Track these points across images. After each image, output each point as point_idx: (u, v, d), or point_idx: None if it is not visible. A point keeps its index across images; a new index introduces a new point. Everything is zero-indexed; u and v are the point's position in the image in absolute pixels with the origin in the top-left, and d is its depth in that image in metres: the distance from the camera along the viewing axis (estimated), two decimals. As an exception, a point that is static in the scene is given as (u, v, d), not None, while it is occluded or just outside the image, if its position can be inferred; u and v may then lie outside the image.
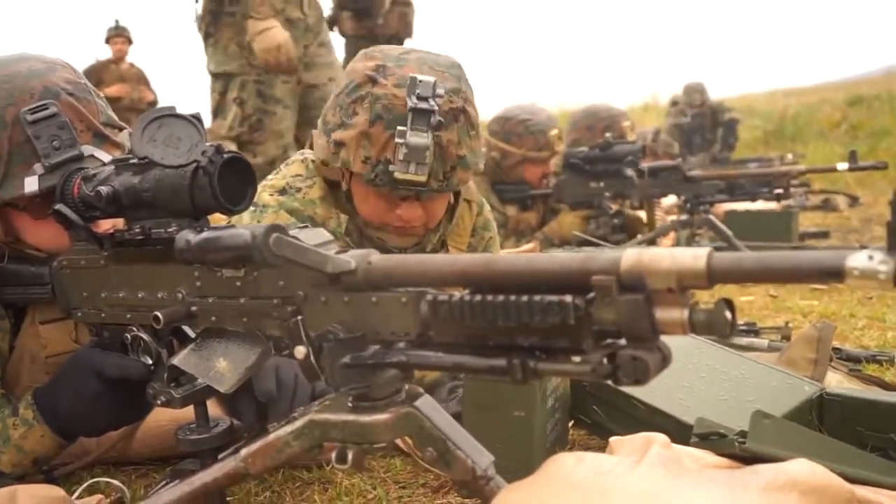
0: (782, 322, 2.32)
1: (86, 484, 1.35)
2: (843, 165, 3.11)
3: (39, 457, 1.27)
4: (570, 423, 1.47)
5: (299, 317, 0.92)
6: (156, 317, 1.05)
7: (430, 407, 0.93)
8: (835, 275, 0.63)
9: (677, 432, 1.21)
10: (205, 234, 0.92)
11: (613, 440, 1.01)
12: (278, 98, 3.51)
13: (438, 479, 1.38)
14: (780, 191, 3.41)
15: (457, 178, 1.60)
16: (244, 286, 0.99)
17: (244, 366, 1.06)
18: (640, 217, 3.65)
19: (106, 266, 1.17)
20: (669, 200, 4.11)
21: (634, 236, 3.50)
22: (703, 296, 2.38)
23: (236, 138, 3.46)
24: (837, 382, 1.60)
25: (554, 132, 3.50)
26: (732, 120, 8.41)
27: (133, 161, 1.10)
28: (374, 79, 1.56)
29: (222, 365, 1.07)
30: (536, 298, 0.73)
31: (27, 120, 1.25)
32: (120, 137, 1.37)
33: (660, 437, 0.95)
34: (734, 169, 4.78)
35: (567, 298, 0.72)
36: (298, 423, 0.94)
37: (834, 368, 1.70)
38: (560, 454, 0.87)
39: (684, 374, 1.41)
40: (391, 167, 1.54)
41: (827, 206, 5.74)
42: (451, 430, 0.91)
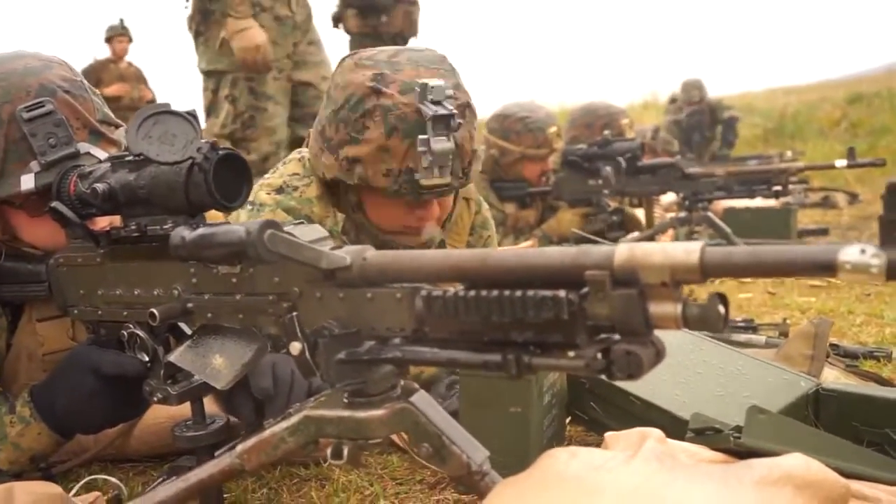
0: (780, 319, 2.31)
1: (83, 481, 1.35)
2: (842, 162, 3.10)
3: (36, 454, 1.27)
4: (567, 420, 1.47)
5: (294, 313, 0.92)
6: (152, 314, 1.05)
7: (426, 403, 0.93)
8: (827, 269, 0.63)
9: (673, 428, 1.21)
10: (200, 231, 0.92)
11: (608, 435, 1.01)
12: (269, 94, 3.53)
13: (435, 476, 1.38)
14: (779, 188, 3.40)
15: (472, 172, 1.63)
16: (240, 283, 0.99)
17: (240, 362, 1.06)
18: (638, 216, 3.65)
19: (102, 263, 1.17)
20: (669, 198, 4.11)
21: (631, 233, 3.50)
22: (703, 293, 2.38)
23: (229, 136, 3.47)
24: (834, 378, 1.60)
25: (552, 129, 3.50)
26: (732, 118, 8.42)
27: (129, 158, 1.10)
28: (378, 90, 1.54)
29: (218, 362, 1.07)
30: (530, 293, 0.73)
31: (23, 117, 1.25)
32: (116, 135, 1.37)
33: (654, 432, 0.95)
34: (733, 166, 4.77)
35: (561, 293, 0.72)
36: (294, 420, 0.94)
37: (831, 364, 1.70)
38: (554, 449, 0.87)
39: (681, 371, 1.41)
40: (416, 175, 1.54)
41: (826, 204, 5.74)
42: (447, 426, 0.91)
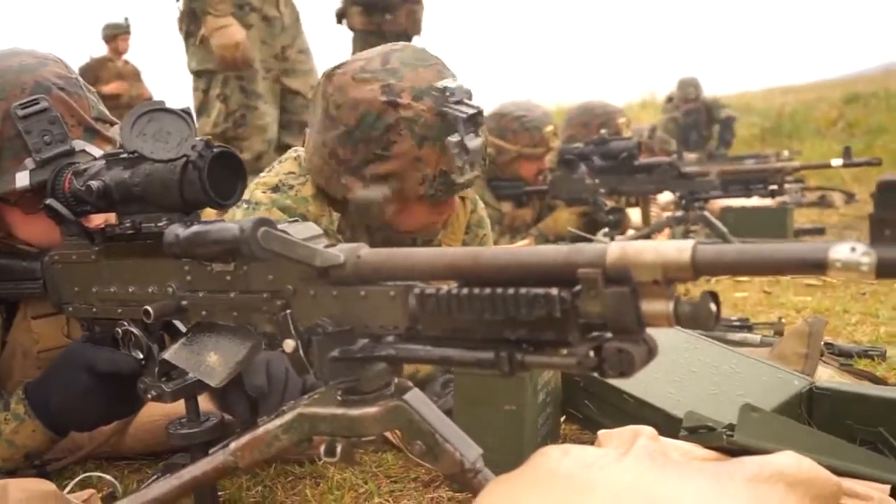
0: (776, 318, 2.32)
1: (78, 478, 1.35)
2: (838, 162, 3.11)
3: (31, 451, 1.27)
4: (562, 418, 1.47)
5: (288, 311, 0.92)
6: (146, 311, 1.05)
7: (419, 400, 0.93)
8: (818, 267, 0.63)
9: (667, 426, 1.21)
10: (194, 229, 0.93)
11: (601, 433, 1.01)
12: (260, 93, 3.54)
13: (430, 474, 1.39)
14: (775, 187, 3.40)
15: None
16: (234, 280, 1.00)
17: (235, 360, 1.06)
18: (629, 215, 3.66)
19: (97, 261, 1.17)
20: (666, 197, 4.12)
21: (624, 232, 3.51)
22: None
23: (221, 135, 3.48)
24: (829, 377, 1.61)
25: (549, 128, 3.50)
26: (729, 117, 8.44)
27: (123, 156, 1.10)
28: (394, 103, 1.52)
29: (213, 359, 1.07)
30: (523, 291, 0.74)
31: (18, 115, 1.25)
32: (111, 132, 1.37)
33: (647, 430, 0.95)
34: (730, 165, 4.77)
35: (553, 291, 0.72)
36: (287, 417, 0.94)
37: (825, 363, 1.71)
38: (547, 447, 0.87)
39: (675, 369, 1.41)
40: (452, 175, 1.56)
41: (823, 203, 5.75)
42: (440, 424, 0.92)
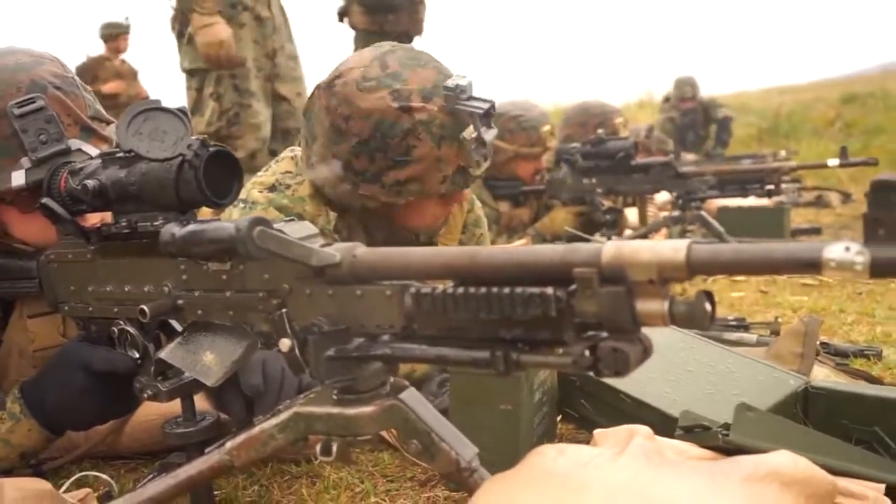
0: (772, 317, 2.32)
1: (73, 478, 1.35)
2: (834, 162, 3.11)
3: (27, 451, 1.26)
4: (559, 418, 1.47)
5: (284, 310, 0.92)
6: (142, 310, 1.05)
7: (415, 400, 0.93)
8: (812, 266, 0.63)
9: (663, 425, 1.21)
10: (190, 228, 0.93)
11: (597, 432, 1.01)
12: (253, 91, 3.56)
13: (426, 473, 1.39)
14: (772, 187, 3.41)
15: None
16: (230, 279, 0.99)
17: (231, 359, 1.06)
18: (626, 215, 3.66)
19: (93, 260, 1.17)
20: (663, 196, 4.12)
21: (622, 232, 3.51)
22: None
23: (215, 133, 3.49)
24: (824, 376, 1.61)
25: (546, 128, 3.50)
26: (727, 117, 8.45)
27: (119, 155, 1.09)
28: (407, 108, 1.53)
29: (209, 358, 1.07)
30: (518, 291, 0.74)
31: (14, 113, 1.25)
32: (107, 131, 1.37)
33: (642, 429, 0.95)
34: (727, 165, 4.78)
35: (549, 290, 0.72)
36: (283, 416, 0.94)
37: (821, 363, 1.71)
38: (542, 446, 0.88)
39: (671, 368, 1.41)
40: (469, 170, 1.59)
41: (820, 203, 5.76)
42: (436, 423, 0.92)
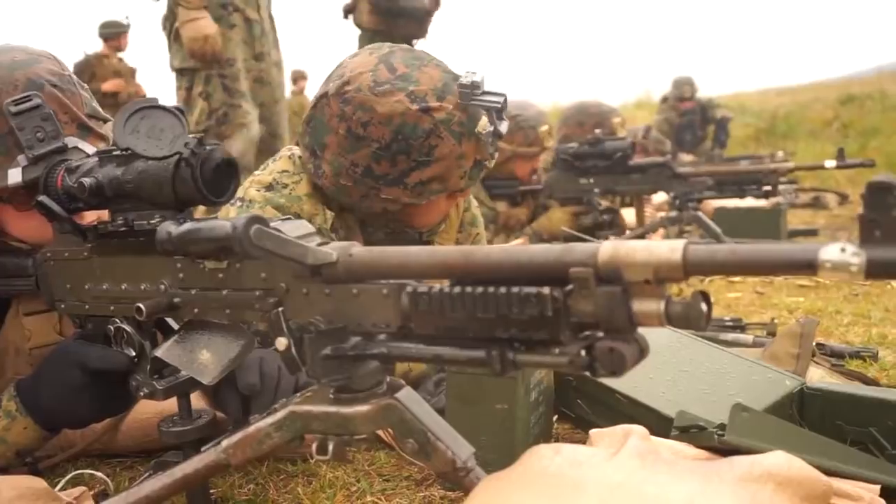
0: (768, 318, 2.33)
1: (69, 476, 1.34)
2: (831, 163, 3.12)
3: (22, 449, 1.26)
4: (555, 417, 1.48)
5: (281, 308, 0.92)
6: (139, 308, 1.05)
7: (411, 399, 0.93)
8: (808, 267, 0.63)
9: (659, 425, 1.21)
10: (186, 226, 0.92)
11: (593, 432, 1.01)
12: (243, 92, 3.59)
13: (422, 472, 1.39)
14: (769, 188, 3.42)
15: None
16: (227, 278, 0.99)
17: (227, 358, 1.06)
18: (622, 214, 3.66)
19: (89, 258, 1.17)
20: (660, 197, 4.12)
21: (623, 232, 3.51)
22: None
23: (204, 132, 3.50)
24: (820, 377, 1.61)
25: (544, 128, 3.50)
26: (724, 117, 8.46)
27: (116, 153, 1.09)
28: (426, 108, 1.54)
29: (205, 357, 1.07)
30: (515, 290, 0.74)
31: (11, 111, 1.24)
32: (105, 129, 1.37)
33: (638, 429, 0.95)
34: (724, 166, 4.79)
35: (545, 290, 0.72)
36: (279, 415, 0.94)
37: (817, 363, 1.71)
38: (538, 446, 0.88)
39: (667, 369, 1.41)
40: (484, 163, 1.63)
41: (817, 204, 5.78)
42: (432, 422, 0.92)
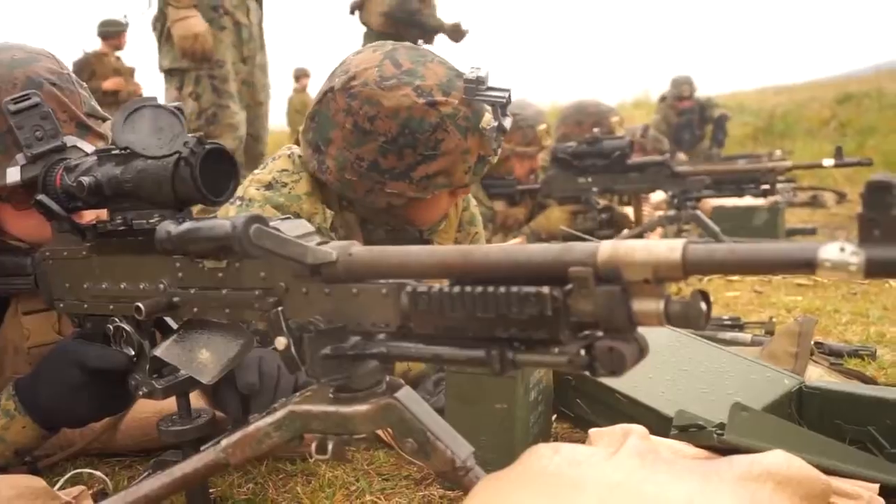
0: (767, 317, 2.33)
1: (68, 475, 1.34)
2: (829, 162, 3.11)
3: (21, 448, 1.26)
4: (554, 417, 1.48)
5: (280, 308, 0.92)
6: (138, 308, 1.05)
7: (411, 398, 0.93)
8: (807, 266, 0.63)
9: (658, 425, 1.22)
10: (186, 225, 0.92)
11: (592, 432, 1.01)
12: (232, 93, 3.64)
13: (421, 472, 1.39)
14: (767, 187, 3.42)
15: None
16: (226, 277, 0.99)
17: (226, 357, 1.06)
18: (627, 213, 3.66)
19: (88, 257, 1.17)
20: (658, 196, 4.12)
21: (621, 232, 3.51)
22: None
23: (194, 132, 3.53)
24: (818, 376, 1.61)
25: (542, 127, 3.50)
26: (723, 116, 8.48)
27: (115, 152, 1.09)
28: (433, 103, 1.55)
29: (205, 356, 1.07)
30: (514, 290, 0.74)
31: (9, 110, 1.24)
32: (103, 128, 1.37)
33: (637, 429, 0.95)
34: (723, 165, 4.79)
35: (545, 290, 0.72)
36: (279, 414, 0.94)
37: (815, 362, 1.72)
38: (538, 445, 0.88)
39: (666, 368, 1.42)
40: (488, 158, 1.63)
41: (815, 203, 5.78)
42: (431, 422, 0.92)
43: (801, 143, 9.14)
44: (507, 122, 1.58)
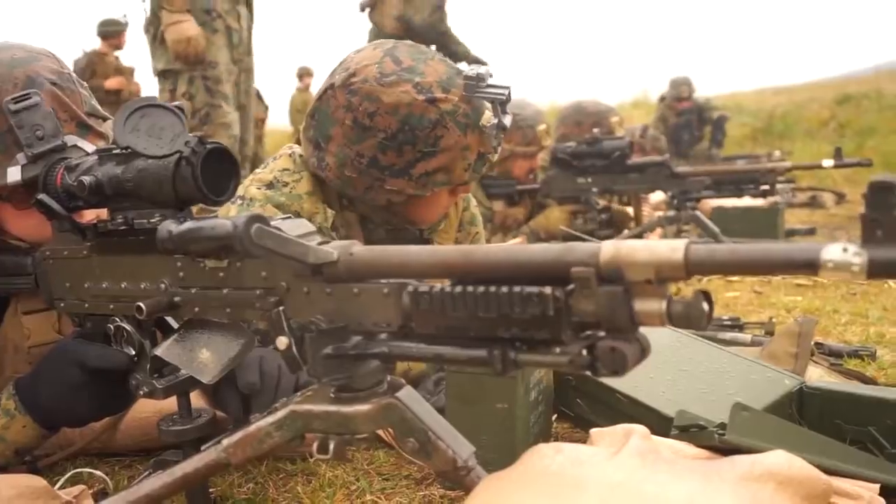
0: (766, 317, 2.33)
1: (68, 474, 1.34)
2: (829, 162, 3.11)
3: (21, 447, 1.26)
4: (554, 417, 1.48)
5: (281, 307, 0.92)
6: (139, 307, 1.05)
7: (412, 398, 0.93)
8: (810, 266, 0.63)
9: (659, 425, 1.22)
10: (187, 225, 0.92)
11: (594, 432, 1.01)
12: (225, 93, 3.67)
13: (421, 471, 1.39)
14: (767, 187, 3.42)
15: None
16: (227, 277, 0.99)
17: (227, 357, 1.06)
18: (628, 212, 3.66)
19: (89, 256, 1.17)
20: (657, 196, 4.12)
21: (622, 231, 3.51)
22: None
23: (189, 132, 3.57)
24: (818, 376, 1.61)
25: (542, 127, 3.50)
26: (722, 116, 8.48)
27: (116, 151, 1.09)
28: (433, 99, 1.55)
29: (205, 356, 1.07)
30: (516, 290, 0.74)
31: (10, 109, 1.24)
32: (104, 127, 1.37)
33: (639, 429, 0.95)
34: (722, 165, 4.79)
35: (547, 290, 0.72)
36: (280, 414, 0.94)
37: (815, 363, 1.72)
38: (539, 445, 0.88)
39: (666, 368, 1.42)
40: (488, 155, 1.63)
41: (814, 203, 5.79)
42: (433, 422, 0.92)
43: (800, 144, 9.16)
44: (507, 120, 1.58)
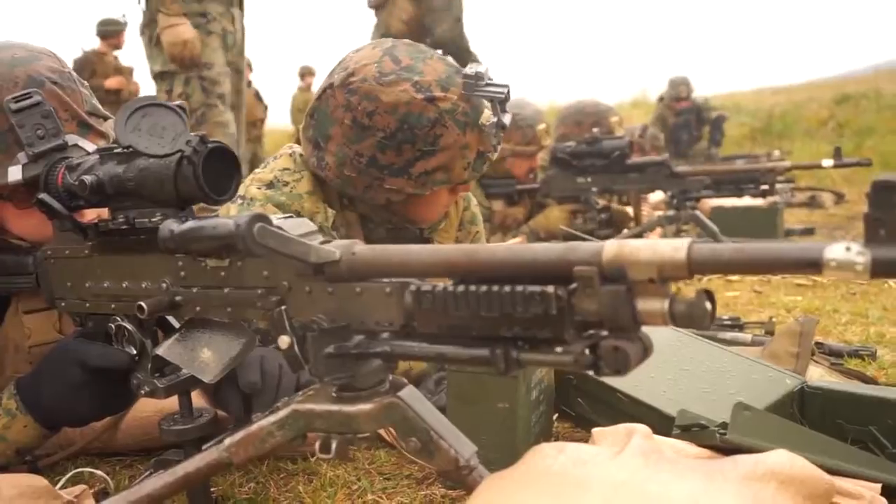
0: (766, 317, 2.33)
1: (69, 474, 1.34)
2: (828, 162, 3.11)
3: (22, 447, 1.26)
4: (555, 416, 1.48)
5: (283, 307, 0.92)
6: (140, 306, 1.05)
7: (414, 397, 0.93)
8: (813, 266, 0.63)
9: (660, 424, 1.21)
10: (189, 224, 0.92)
11: (596, 431, 1.01)
12: (221, 93, 3.70)
13: (423, 471, 1.39)
14: (766, 187, 3.42)
15: None
16: (228, 276, 0.99)
17: (228, 356, 1.06)
18: (628, 211, 3.66)
19: (90, 256, 1.17)
20: (657, 196, 4.13)
21: (622, 231, 3.52)
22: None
23: None
24: (819, 376, 1.62)
25: (541, 127, 3.50)
26: (720, 117, 8.49)
27: (117, 150, 1.09)
28: (432, 98, 1.55)
29: (206, 355, 1.07)
30: (519, 289, 0.74)
31: (11, 108, 1.24)
32: (105, 127, 1.37)
33: (641, 428, 0.95)
34: (722, 165, 4.80)
35: (549, 289, 0.72)
36: (282, 413, 0.94)
37: (816, 362, 1.72)
38: (542, 444, 0.88)
39: (668, 367, 1.42)
40: (487, 154, 1.63)
41: (813, 203, 5.79)
42: (435, 421, 0.92)
43: (799, 144, 9.16)
44: (507, 119, 1.58)
